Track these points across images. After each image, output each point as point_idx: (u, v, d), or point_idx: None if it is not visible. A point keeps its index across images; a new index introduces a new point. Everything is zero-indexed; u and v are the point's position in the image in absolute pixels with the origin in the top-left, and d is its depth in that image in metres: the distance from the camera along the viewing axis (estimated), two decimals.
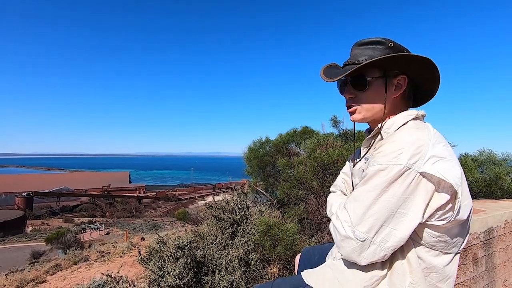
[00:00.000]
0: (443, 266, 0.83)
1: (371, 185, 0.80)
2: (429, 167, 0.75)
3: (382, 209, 0.77)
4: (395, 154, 0.78)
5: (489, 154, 3.76)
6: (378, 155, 0.82)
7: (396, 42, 0.92)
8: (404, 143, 0.79)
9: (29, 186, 71.13)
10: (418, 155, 0.76)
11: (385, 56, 0.88)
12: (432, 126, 0.90)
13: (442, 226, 0.79)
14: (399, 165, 0.76)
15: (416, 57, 0.87)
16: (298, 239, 2.73)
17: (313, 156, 3.67)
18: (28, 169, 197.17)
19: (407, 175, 0.76)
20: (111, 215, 45.84)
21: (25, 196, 49.65)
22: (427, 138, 0.80)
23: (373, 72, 0.92)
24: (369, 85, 0.93)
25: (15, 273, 10.13)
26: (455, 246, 0.84)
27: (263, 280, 2.64)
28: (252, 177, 5.19)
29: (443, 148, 0.80)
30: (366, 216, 0.79)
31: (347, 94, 0.99)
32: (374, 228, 0.78)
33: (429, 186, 0.76)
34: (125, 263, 7.89)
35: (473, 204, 0.86)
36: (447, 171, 0.75)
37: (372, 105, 0.94)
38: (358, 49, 0.95)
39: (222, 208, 3.15)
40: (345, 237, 0.82)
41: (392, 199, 0.77)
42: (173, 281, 2.34)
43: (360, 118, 0.97)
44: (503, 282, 2.36)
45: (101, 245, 15.37)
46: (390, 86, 0.93)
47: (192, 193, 71.65)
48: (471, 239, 2.07)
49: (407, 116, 0.91)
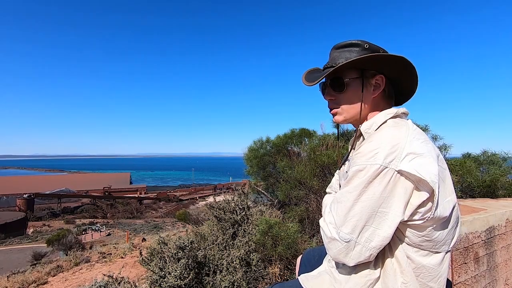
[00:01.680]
0: (433, 265, 0.83)
1: (352, 186, 0.81)
2: (405, 165, 0.75)
3: (363, 209, 0.78)
4: (372, 154, 0.79)
5: (492, 155, 3.75)
6: (356, 156, 0.84)
7: (372, 43, 0.94)
8: (380, 142, 0.80)
9: (30, 187, 71.19)
10: (394, 153, 0.77)
11: (358, 57, 0.89)
12: (412, 122, 0.91)
13: (423, 224, 0.79)
14: (375, 164, 0.77)
15: (389, 56, 0.89)
16: (299, 239, 2.73)
17: (313, 157, 3.67)
18: (29, 170, 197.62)
19: (384, 174, 0.76)
20: (112, 216, 45.87)
21: (26, 197, 49.70)
22: (404, 135, 0.81)
23: (350, 74, 0.94)
24: (347, 86, 0.95)
25: (16, 274, 10.14)
26: (444, 244, 0.84)
27: (264, 280, 2.64)
28: (252, 177, 5.20)
29: (421, 144, 0.80)
30: (348, 216, 0.80)
31: (327, 96, 1.01)
32: (357, 228, 0.79)
33: (408, 184, 0.77)
34: (126, 264, 7.90)
35: (457, 200, 0.86)
36: (424, 168, 0.75)
37: (352, 106, 0.96)
38: (336, 52, 0.97)
39: (223, 208, 3.15)
40: (331, 239, 0.83)
41: (372, 199, 0.77)
42: (174, 281, 2.34)
43: (342, 119, 0.99)
44: (504, 281, 2.36)
45: (102, 246, 15.39)
46: (368, 86, 0.94)
47: (193, 194, 71.67)
48: (472, 237, 2.07)
49: (387, 114, 0.92)
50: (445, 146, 3.81)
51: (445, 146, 3.81)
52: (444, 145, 3.82)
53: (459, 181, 3.23)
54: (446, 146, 3.81)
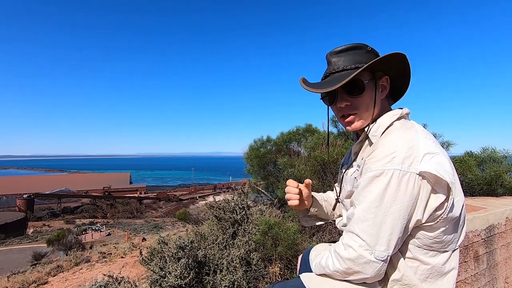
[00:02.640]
0: (442, 264, 0.82)
1: (373, 196, 0.77)
2: (425, 166, 0.74)
3: (395, 221, 0.75)
4: (389, 158, 0.77)
5: (491, 152, 3.76)
6: (370, 161, 0.81)
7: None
8: (395, 145, 0.78)
9: (30, 187, 71.13)
10: (412, 156, 0.76)
11: (382, 57, 0.87)
12: (416, 122, 0.91)
13: (435, 226, 0.78)
14: (395, 170, 0.75)
15: (398, 54, 0.87)
16: (299, 238, 2.73)
17: (313, 155, 3.67)
18: (29, 171, 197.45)
19: (407, 179, 0.74)
20: (112, 216, 45.85)
21: (26, 198, 49.65)
22: (416, 136, 0.80)
23: (366, 76, 0.91)
24: (366, 89, 0.91)
25: (17, 274, 10.14)
26: (452, 243, 0.83)
27: (264, 280, 2.64)
28: (252, 176, 5.20)
29: (433, 144, 0.80)
30: (381, 233, 0.75)
31: (342, 102, 0.93)
32: (392, 242, 0.76)
33: (428, 186, 0.76)
34: (126, 264, 7.90)
35: (465, 200, 0.86)
36: (442, 168, 0.74)
37: (368, 110, 0.92)
38: (337, 57, 0.93)
39: (223, 208, 3.15)
40: (366, 263, 0.77)
41: (401, 208, 0.75)
42: (174, 281, 2.34)
43: (360, 125, 0.93)
44: (504, 279, 2.36)
45: (103, 246, 15.39)
46: (378, 88, 0.93)
47: (193, 193, 71.66)
48: (472, 236, 2.07)
49: (393, 116, 0.90)
50: (448, 143, 3.81)
51: (448, 143, 3.81)
52: (448, 142, 3.81)
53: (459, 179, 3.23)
54: (449, 143, 3.81)
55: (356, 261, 0.78)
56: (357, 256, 0.78)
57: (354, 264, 0.79)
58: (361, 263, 0.77)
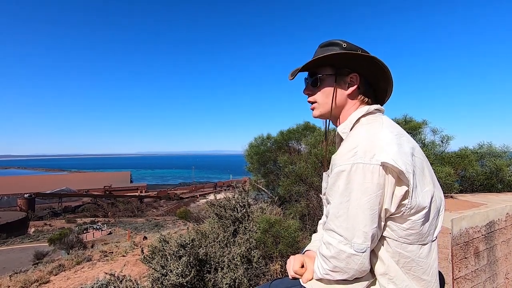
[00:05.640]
0: (422, 258, 0.84)
1: (341, 192, 0.80)
2: (385, 156, 0.76)
3: (366, 213, 0.78)
4: (352, 153, 0.79)
5: (489, 147, 3.75)
6: (336, 157, 0.84)
7: (352, 43, 0.95)
8: (358, 139, 0.82)
9: (31, 187, 71.26)
10: (373, 148, 0.78)
11: (325, 54, 0.91)
12: (387, 117, 0.93)
13: (405, 216, 0.80)
14: (358, 163, 0.77)
15: (359, 55, 0.90)
16: (299, 236, 2.74)
17: (313, 152, 3.67)
18: (30, 170, 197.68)
19: (371, 171, 0.77)
20: (113, 215, 46.00)
21: (27, 197, 49.82)
22: (380, 130, 0.84)
23: (325, 70, 0.98)
24: (321, 82, 0.98)
25: (19, 274, 10.19)
26: (429, 235, 0.85)
27: (266, 277, 2.65)
28: (253, 174, 5.20)
29: (394, 137, 0.82)
30: (355, 227, 0.78)
31: (305, 91, 1.04)
32: (369, 234, 0.79)
33: (391, 176, 0.78)
34: (128, 262, 7.93)
35: (434, 190, 0.86)
36: (400, 158, 0.76)
37: (326, 101, 0.98)
38: (319, 51, 0.99)
39: (224, 206, 3.15)
40: (348, 257, 0.80)
41: (370, 200, 0.77)
42: (176, 279, 2.35)
43: (318, 114, 1.02)
44: (505, 275, 2.37)
45: (104, 245, 15.43)
46: (342, 83, 0.97)
47: (193, 192, 71.81)
48: (473, 232, 2.07)
49: (359, 112, 0.94)
50: (447, 137, 3.80)
51: (447, 137, 3.80)
52: (447, 136, 3.80)
53: (457, 173, 3.23)
54: (448, 137, 3.80)
55: (338, 257, 0.81)
56: (338, 252, 0.81)
57: (337, 260, 0.82)
58: (344, 258, 0.80)
